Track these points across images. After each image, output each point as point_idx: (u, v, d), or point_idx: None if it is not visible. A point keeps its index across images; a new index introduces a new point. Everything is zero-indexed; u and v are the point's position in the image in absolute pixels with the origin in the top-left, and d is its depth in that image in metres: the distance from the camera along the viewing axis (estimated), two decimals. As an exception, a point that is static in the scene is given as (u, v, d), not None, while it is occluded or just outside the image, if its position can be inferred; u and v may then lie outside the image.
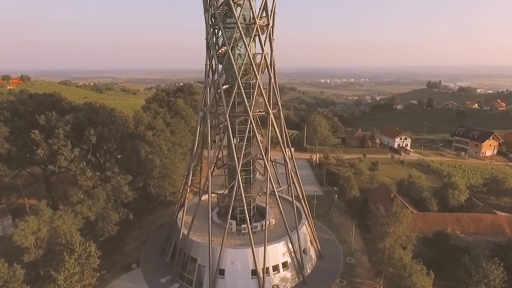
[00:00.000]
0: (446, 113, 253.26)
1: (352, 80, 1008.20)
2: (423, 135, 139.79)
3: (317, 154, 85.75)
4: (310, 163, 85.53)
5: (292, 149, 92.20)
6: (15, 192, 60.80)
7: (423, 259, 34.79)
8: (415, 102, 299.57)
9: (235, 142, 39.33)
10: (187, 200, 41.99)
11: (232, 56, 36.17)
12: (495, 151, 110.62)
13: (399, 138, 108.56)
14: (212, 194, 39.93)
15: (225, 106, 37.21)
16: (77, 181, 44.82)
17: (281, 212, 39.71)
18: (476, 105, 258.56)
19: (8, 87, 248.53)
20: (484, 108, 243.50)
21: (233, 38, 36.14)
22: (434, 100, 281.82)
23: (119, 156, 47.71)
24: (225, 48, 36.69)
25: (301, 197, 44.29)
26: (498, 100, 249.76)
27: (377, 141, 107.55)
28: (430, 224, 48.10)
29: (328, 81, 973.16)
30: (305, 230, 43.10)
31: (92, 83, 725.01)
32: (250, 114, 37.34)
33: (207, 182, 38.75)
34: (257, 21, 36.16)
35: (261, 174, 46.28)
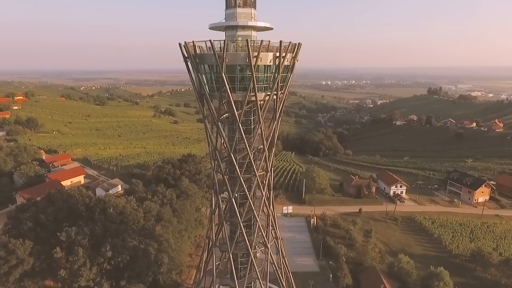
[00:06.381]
0: (444, 132, 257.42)
1: (353, 82, 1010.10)
2: (420, 165, 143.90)
3: (315, 216, 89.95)
4: (308, 223, 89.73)
5: (291, 207, 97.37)
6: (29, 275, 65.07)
7: None
8: (415, 118, 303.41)
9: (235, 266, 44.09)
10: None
11: (235, 204, 40.58)
12: (488, 197, 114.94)
13: (394, 186, 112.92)
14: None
15: (228, 245, 41.75)
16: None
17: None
18: (475, 124, 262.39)
19: (14, 107, 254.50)
20: (482, 129, 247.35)
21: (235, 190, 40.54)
22: (433, 118, 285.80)
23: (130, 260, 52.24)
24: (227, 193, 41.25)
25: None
26: (496, 120, 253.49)
27: (373, 190, 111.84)
28: (415, 325, 52.80)
29: (329, 83, 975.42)
30: None
31: (94, 87, 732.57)
32: (251, 253, 41.89)
33: None
34: (257, 174, 40.50)
35: (259, 280, 50.81)
